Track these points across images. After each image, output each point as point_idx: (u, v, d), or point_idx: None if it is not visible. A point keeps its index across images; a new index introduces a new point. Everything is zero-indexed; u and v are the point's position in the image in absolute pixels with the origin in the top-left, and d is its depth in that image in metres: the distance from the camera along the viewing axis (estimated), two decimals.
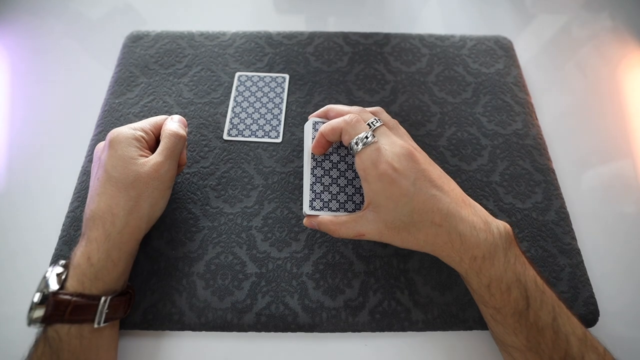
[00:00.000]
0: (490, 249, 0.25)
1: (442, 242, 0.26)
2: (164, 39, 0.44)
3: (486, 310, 0.27)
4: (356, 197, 0.30)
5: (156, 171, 0.29)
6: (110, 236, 0.27)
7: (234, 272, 0.32)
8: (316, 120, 0.31)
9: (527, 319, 0.25)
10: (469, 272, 0.26)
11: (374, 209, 0.27)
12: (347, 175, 0.30)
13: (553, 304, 0.25)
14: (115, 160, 0.28)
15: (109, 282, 0.27)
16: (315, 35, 0.45)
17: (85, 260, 0.27)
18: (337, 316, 0.31)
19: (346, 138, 0.27)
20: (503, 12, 0.52)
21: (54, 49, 0.46)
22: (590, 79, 0.46)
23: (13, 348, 0.31)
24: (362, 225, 0.27)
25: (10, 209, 0.37)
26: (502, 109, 0.41)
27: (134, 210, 0.28)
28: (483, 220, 0.26)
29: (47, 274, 0.26)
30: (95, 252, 0.27)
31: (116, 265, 0.27)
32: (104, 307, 0.26)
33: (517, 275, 0.25)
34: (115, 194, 0.28)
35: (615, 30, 0.50)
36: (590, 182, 0.39)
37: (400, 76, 0.43)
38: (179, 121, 0.33)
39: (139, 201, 0.28)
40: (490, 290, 0.26)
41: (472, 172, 0.37)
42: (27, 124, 0.41)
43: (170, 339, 0.31)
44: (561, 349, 0.24)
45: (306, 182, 0.30)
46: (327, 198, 0.29)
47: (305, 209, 0.29)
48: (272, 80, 0.42)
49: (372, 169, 0.26)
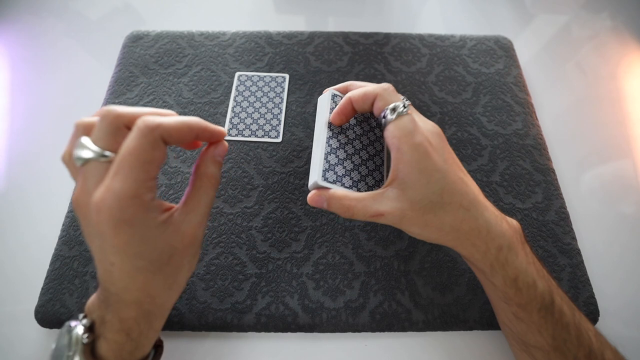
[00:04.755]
0: (513, 240, 0.24)
1: (468, 228, 0.24)
2: (164, 39, 0.44)
3: (508, 309, 0.25)
4: (369, 179, 0.27)
5: (194, 236, 0.22)
6: (151, 313, 0.23)
7: (234, 273, 0.32)
8: (335, 93, 0.29)
9: (552, 314, 0.24)
10: (495, 264, 0.24)
11: (399, 185, 0.24)
12: (361, 155, 0.28)
13: (568, 300, 0.25)
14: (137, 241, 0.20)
15: (148, 347, 0.24)
16: (315, 35, 0.45)
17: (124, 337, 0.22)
18: (337, 316, 0.31)
19: (380, 104, 0.25)
20: (503, 12, 0.52)
21: (54, 49, 0.46)
22: (590, 79, 0.46)
23: (13, 348, 0.31)
24: (383, 204, 0.24)
25: (10, 209, 0.37)
26: (502, 109, 0.41)
27: (175, 286, 0.23)
28: (499, 212, 0.26)
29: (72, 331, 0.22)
30: (135, 328, 0.22)
31: (157, 331, 0.24)
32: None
33: (537, 269, 0.24)
34: (150, 278, 0.22)
35: (615, 30, 0.50)
36: (590, 182, 0.39)
37: (400, 76, 0.43)
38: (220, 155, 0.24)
39: (179, 276, 0.23)
40: (517, 285, 0.24)
41: (472, 172, 0.37)
42: (27, 123, 0.41)
43: (170, 339, 0.31)
44: (585, 346, 0.24)
45: (318, 152, 0.27)
46: (340, 172, 0.26)
47: (316, 179, 0.25)
48: (272, 80, 0.42)
49: (408, 138, 0.23)
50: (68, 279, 0.32)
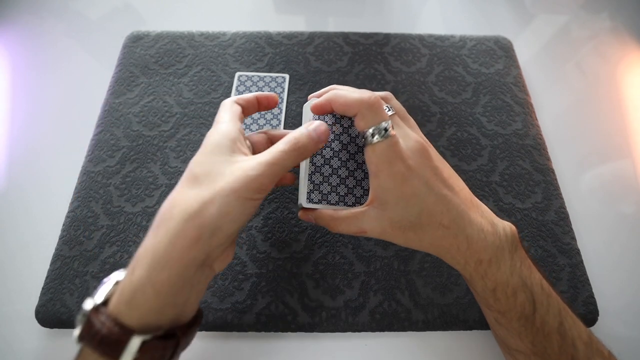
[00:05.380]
0: (497, 253, 0.24)
1: (447, 245, 0.24)
2: (164, 39, 0.44)
3: (490, 314, 0.26)
4: (357, 189, 0.28)
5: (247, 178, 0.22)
6: (159, 244, 0.21)
7: (234, 273, 0.32)
8: None
9: (533, 323, 0.24)
10: (474, 275, 0.25)
11: (379, 205, 0.25)
12: (349, 166, 0.28)
13: (559, 308, 0.25)
14: (201, 155, 0.24)
15: (147, 312, 0.20)
16: (315, 35, 0.45)
17: (130, 272, 0.21)
18: (337, 316, 0.31)
19: (362, 124, 0.24)
20: (503, 12, 0.52)
21: (54, 49, 0.46)
22: (590, 79, 0.46)
23: (13, 348, 0.31)
24: (365, 222, 0.25)
25: (10, 209, 0.37)
26: (502, 109, 0.41)
27: (197, 215, 0.21)
28: (490, 222, 0.25)
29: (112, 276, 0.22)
30: (142, 263, 0.21)
31: (158, 292, 0.20)
32: (131, 348, 0.20)
33: (523, 279, 0.24)
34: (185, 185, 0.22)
35: (615, 30, 0.50)
36: (589, 182, 0.40)
37: (400, 76, 0.43)
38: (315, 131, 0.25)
39: (208, 204, 0.21)
40: (495, 295, 0.25)
41: (472, 172, 0.37)
42: (27, 123, 0.41)
43: None
44: (567, 353, 0.24)
45: (303, 170, 0.27)
46: (326, 190, 0.27)
47: (301, 201, 0.27)
48: (272, 80, 0.42)
49: (386, 166, 0.23)
50: (68, 278, 0.32)
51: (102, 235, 0.33)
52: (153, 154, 0.37)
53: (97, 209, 0.35)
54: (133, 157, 0.37)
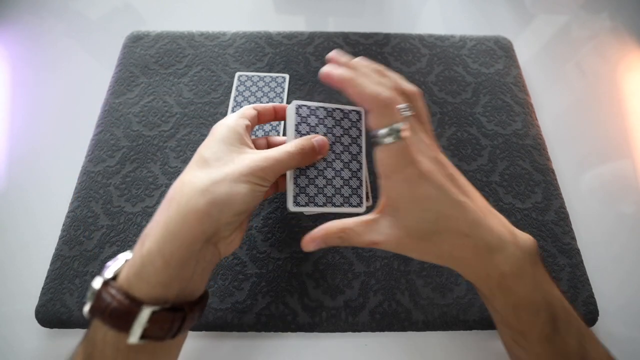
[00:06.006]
0: (519, 264, 0.22)
1: (468, 255, 0.23)
2: (164, 39, 0.44)
3: (508, 334, 0.24)
4: (345, 189, 0.27)
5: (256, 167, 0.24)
6: (171, 218, 0.22)
7: (234, 273, 0.32)
8: (299, 104, 0.28)
9: (554, 345, 0.22)
10: (495, 290, 0.23)
11: (392, 212, 0.23)
12: (334, 166, 0.27)
13: (579, 327, 0.23)
14: (211, 142, 0.25)
15: (155, 285, 0.21)
16: (315, 35, 0.45)
17: (139, 246, 0.22)
18: (337, 316, 0.31)
19: (374, 123, 0.23)
20: (503, 12, 0.52)
21: (54, 49, 0.46)
22: (590, 79, 0.46)
23: (14, 348, 0.31)
24: (377, 233, 0.23)
25: (10, 209, 0.37)
26: (502, 109, 0.41)
27: (208, 191, 0.22)
28: (509, 231, 0.23)
29: (120, 256, 0.23)
30: (152, 236, 0.22)
31: (167, 263, 0.21)
32: (142, 319, 0.20)
33: (545, 295, 0.23)
34: (194, 167, 0.24)
35: (615, 30, 0.50)
36: (589, 182, 0.40)
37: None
38: (318, 144, 0.26)
39: (219, 183, 0.22)
40: (517, 312, 0.23)
41: (472, 172, 0.37)
42: (28, 123, 0.41)
43: None
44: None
45: (289, 175, 0.27)
46: (312, 192, 0.27)
47: (289, 205, 0.26)
48: (272, 80, 0.42)
49: (398, 168, 0.22)
50: (68, 278, 0.32)
51: (102, 235, 0.33)
52: (153, 154, 0.37)
53: (97, 209, 0.35)
54: (133, 157, 0.37)
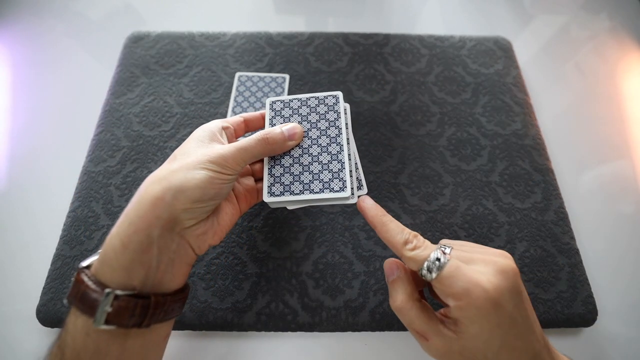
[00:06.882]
0: None
1: None
2: (165, 40, 0.44)
3: None
4: (324, 174, 0.27)
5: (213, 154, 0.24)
6: (130, 205, 0.23)
7: (234, 272, 0.32)
8: (273, 100, 0.30)
9: None
10: None
11: (458, 331, 0.22)
12: (311, 152, 0.28)
13: None
14: (185, 142, 0.26)
15: (117, 269, 0.21)
16: (315, 35, 0.45)
17: (113, 234, 0.23)
18: (337, 315, 0.31)
19: (413, 266, 0.23)
20: (502, 12, 0.52)
21: (55, 49, 0.46)
22: (589, 79, 0.46)
23: (14, 347, 0.31)
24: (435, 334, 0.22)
25: (10, 209, 0.37)
26: (502, 110, 0.41)
27: (163, 179, 0.23)
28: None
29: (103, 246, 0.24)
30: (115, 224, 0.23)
31: (125, 246, 0.21)
32: (105, 303, 0.20)
33: None
34: (165, 164, 0.25)
35: (614, 31, 0.50)
36: (589, 182, 0.40)
37: (400, 76, 0.43)
38: (288, 130, 0.27)
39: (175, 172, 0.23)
40: None
41: (472, 172, 0.37)
42: (28, 124, 0.41)
43: (170, 339, 0.31)
44: None
45: (265, 164, 0.28)
46: (287, 181, 0.27)
47: (264, 196, 0.27)
48: (272, 81, 0.42)
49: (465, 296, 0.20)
50: (69, 278, 0.32)
51: (102, 235, 0.33)
52: (153, 154, 0.37)
53: (98, 208, 0.35)
54: (133, 157, 0.37)
